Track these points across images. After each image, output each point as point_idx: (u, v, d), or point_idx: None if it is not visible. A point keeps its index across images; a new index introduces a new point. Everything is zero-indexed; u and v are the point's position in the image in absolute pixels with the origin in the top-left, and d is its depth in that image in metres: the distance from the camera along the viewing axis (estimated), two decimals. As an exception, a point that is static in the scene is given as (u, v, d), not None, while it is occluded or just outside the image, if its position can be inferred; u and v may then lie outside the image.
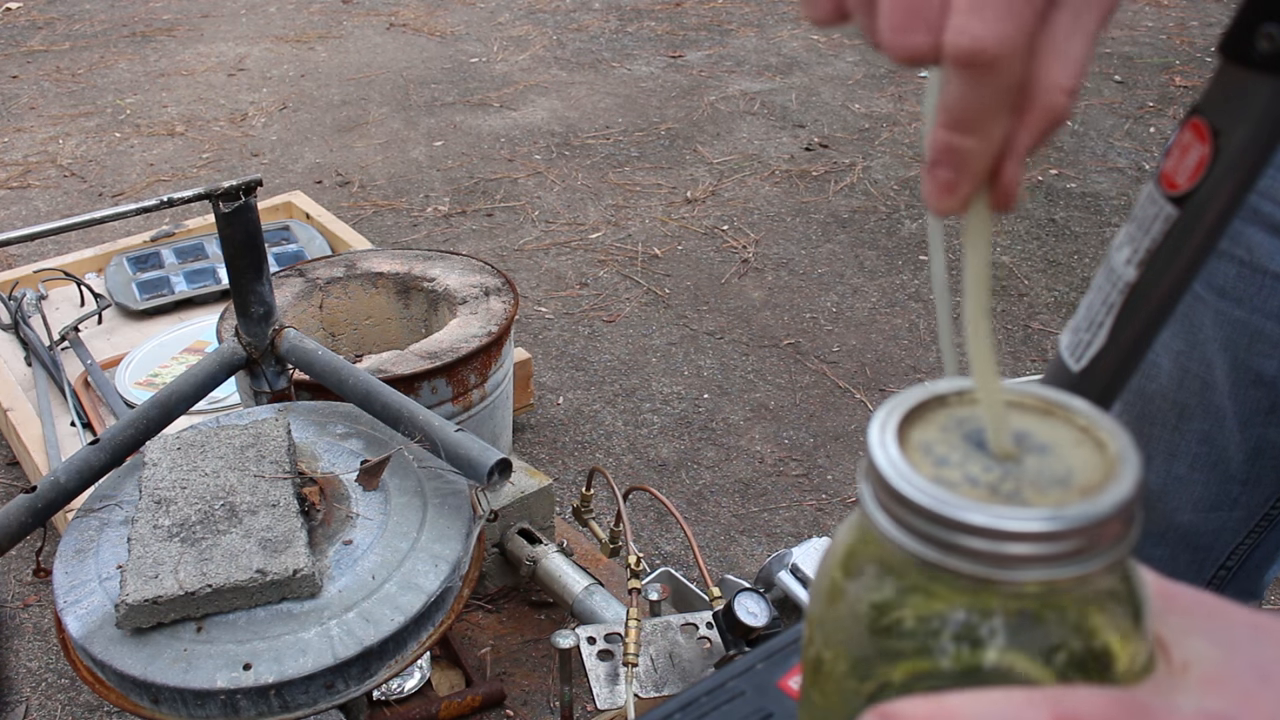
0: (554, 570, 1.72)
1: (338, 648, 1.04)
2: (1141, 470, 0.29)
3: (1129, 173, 3.43)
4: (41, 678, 1.79)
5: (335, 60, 4.53)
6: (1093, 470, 0.29)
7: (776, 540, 2.03)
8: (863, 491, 0.30)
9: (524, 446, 2.29)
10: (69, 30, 4.99)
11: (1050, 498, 0.28)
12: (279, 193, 3.00)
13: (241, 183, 1.26)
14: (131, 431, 1.27)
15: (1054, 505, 0.27)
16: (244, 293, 1.34)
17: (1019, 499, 0.28)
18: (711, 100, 4.03)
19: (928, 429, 0.31)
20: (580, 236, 3.13)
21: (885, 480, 0.29)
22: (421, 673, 1.68)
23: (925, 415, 0.32)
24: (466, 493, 1.23)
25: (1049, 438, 0.31)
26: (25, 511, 1.18)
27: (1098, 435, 0.30)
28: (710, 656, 1.27)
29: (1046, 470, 0.29)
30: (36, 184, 3.53)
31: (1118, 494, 0.28)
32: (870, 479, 0.30)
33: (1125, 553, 0.28)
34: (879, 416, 0.31)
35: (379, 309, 1.90)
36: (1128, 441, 0.30)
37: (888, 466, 0.29)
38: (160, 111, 4.06)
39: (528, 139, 3.76)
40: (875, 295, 2.81)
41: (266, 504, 1.14)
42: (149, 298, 2.53)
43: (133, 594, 1.03)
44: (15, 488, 2.18)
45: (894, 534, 0.28)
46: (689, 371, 2.52)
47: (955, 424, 0.32)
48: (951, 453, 0.30)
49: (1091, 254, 2.99)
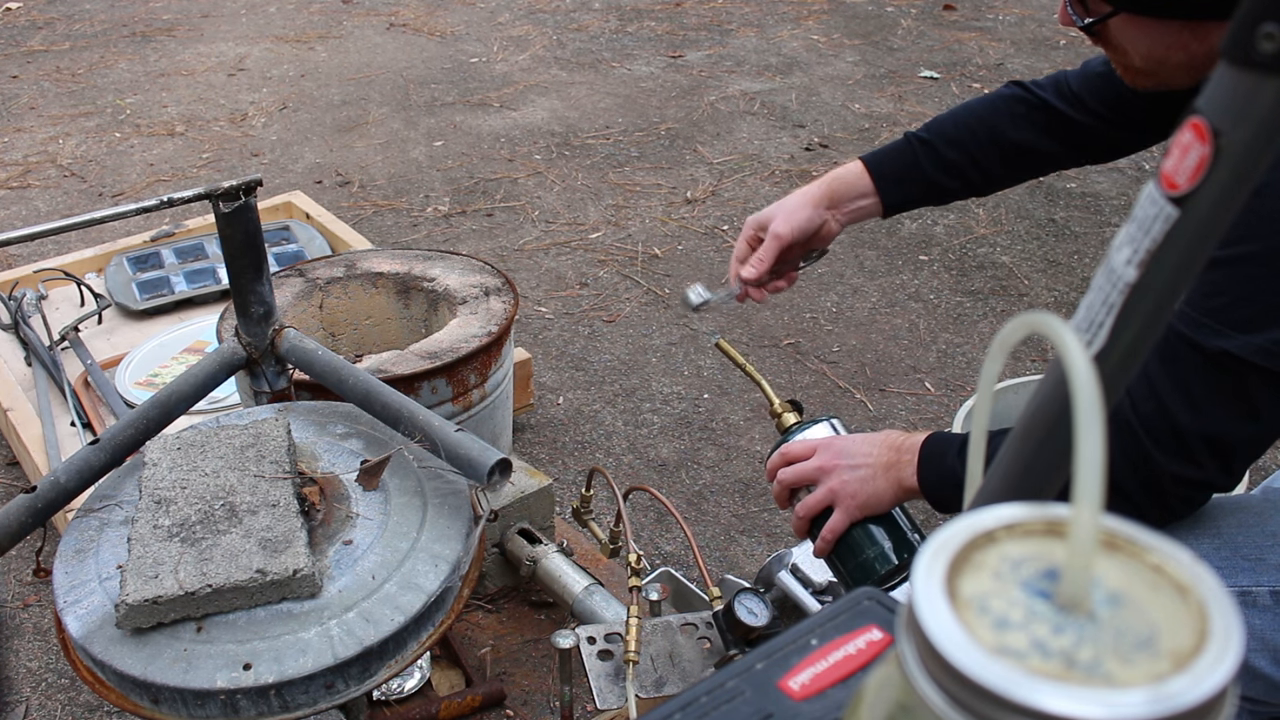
0: (554, 570, 1.72)
1: (338, 648, 1.04)
2: (1241, 628, 0.24)
3: (1129, 173, 3.43)
4: (41, 678, 1.79)
5: (335, 60, 4.53)
6: (1180, 627, 0.24)
7: (776, 540, 2.03)
8: (907, 655, 0.25)
9: (524, 446, 2.29)
10: (69, 30, 4.99)
11: (1139, 671, 0.23)
12: (279, 193, 3.00)
13: (241, 183, 1.26)
14: (131, 431, 1.27)
15: (1147, 683, 0.22)
16: (244, 293, 1.34)
17: (1102, 674, 0.23)
18: (711, 100, 4.03)
19: (980, 577, 0.26)
20: (580, 236, 3.13)
21: (939, 653, 0.24)
22: (421, 673, 1.68)
23: (974, 557, 0.27)
24: (466, 493, 1.23)
25: (1120, 583, 0.26)
26: (25, 511, 1.18)
27: (1175, 577, 0.25)
28: (710, 656, 1.27)
29: (1126, 629, 0.24)
30: (36, 184, 3.53)
31: (1221, 666, 0.23)
32: (917, 644, 0.25)
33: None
34: (923, 562, 0.26)
35: (379, 309, 1.90)
36: (1215, 585, 0.25)
37: (941, 635, 0.24)
38: (160, 111, 4.06)
39: (528, 139, 3.76)
40: (875, 295, 2.81)
41: (266, 504, 1.14)
42: (149, 298, 2.53)
43: (133, 594, 1.03)
44: (15, 488, 2.18)
45: (952, 716, 0.24)
46: (689, 371, 2.52)
47: (1010, 568, 0.27)
48: (1012, 610, 0.25)
49: (1091, 254, 2.99)
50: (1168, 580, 0.25)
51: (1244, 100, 0.39)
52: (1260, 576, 1.05)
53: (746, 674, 0.51)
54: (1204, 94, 0.40)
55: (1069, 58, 4.34)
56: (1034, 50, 4.45)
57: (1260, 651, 1.04)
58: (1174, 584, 0.25)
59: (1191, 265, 0.42)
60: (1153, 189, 0.42)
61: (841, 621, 0.53)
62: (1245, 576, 1.04)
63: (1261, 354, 0.94)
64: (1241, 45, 0.38)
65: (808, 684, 0.50)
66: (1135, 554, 0.26)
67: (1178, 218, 0.41)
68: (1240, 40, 0.38)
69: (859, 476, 1.20)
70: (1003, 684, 0.22)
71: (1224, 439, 0.98)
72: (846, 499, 1.21)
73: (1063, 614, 0.25)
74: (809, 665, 0.50)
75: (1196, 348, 0.97)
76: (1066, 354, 0.28)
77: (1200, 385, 0.97)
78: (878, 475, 1.19)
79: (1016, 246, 3.02)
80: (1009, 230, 3.10)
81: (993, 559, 0.27)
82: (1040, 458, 0.46)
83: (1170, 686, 0.22)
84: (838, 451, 1.23)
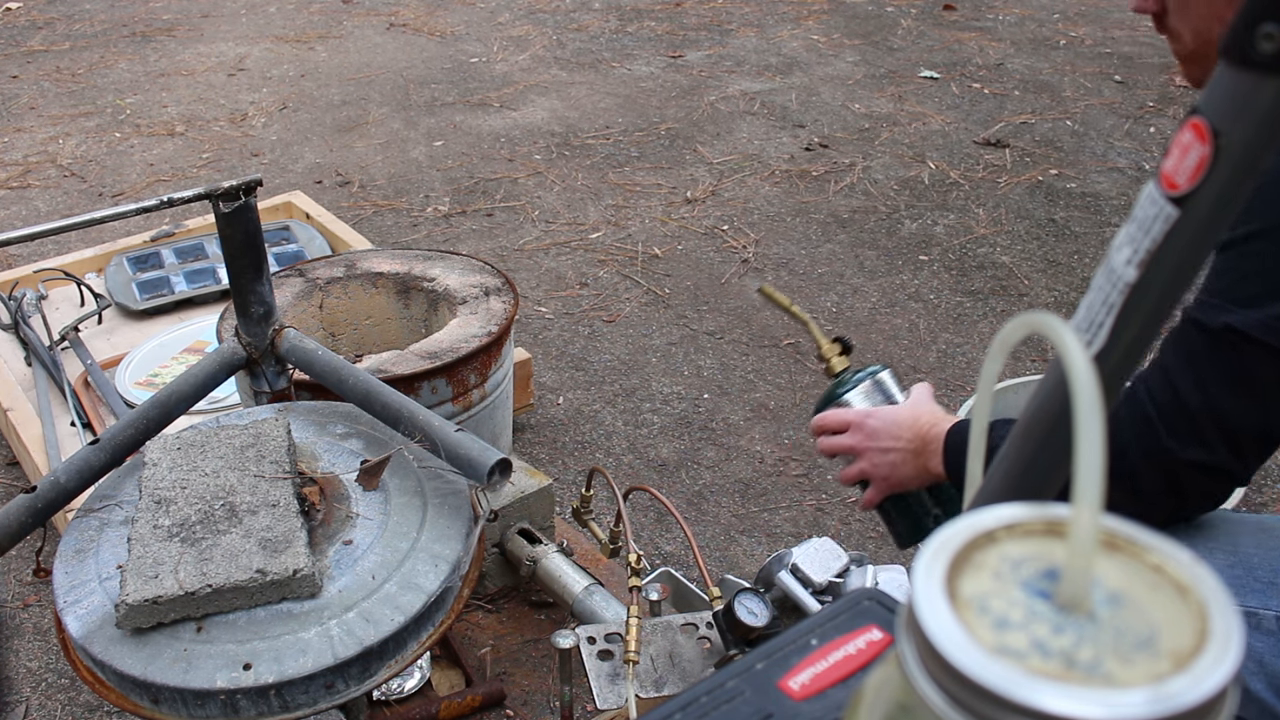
0: (554, 570, 1.72)
1: (338, 648, 1.04)
2: (1241, 628, 0.24)
3: (1129, 173, 3.43)
4: (41, 678, 1.79)
5: (335, 60, 4.53)
6: (1180, 627, 0.24)
7: (776, 540, 2.03)
8: (907, 655, 0.25)
9: (524, 446, 2.29)
10: (69, 30, 4.99)
11: (1139, 670, 0.23)
12: (279, 193, 3.00)
13: (241, 183, 1.26)
14: (131, 431, 1.27)
15: (1147, 683, 0.22)
16: (244, 293, 1.34)
17: (1102, 674, 0.23)
18: (711, 100, 4.03)
19: (980, 577, 0.26)
20: (580, 236, 3.13)
21: (939, 653, 0.24)
22: (421, 673, 1.68)
23: (975, 557, 0.27)
24: (466, 493, 1.23)
25: (1120, 583, 0.25)
26: (25, 511, 1.18)
27: (1175, 577, 0.25)
28: (710, 656, 1.27)
29: (1126, 629, 0.24)
30: (36, 184, 3.53)
31: (1221, 666, 0.23)
32: (917, 644, 0.25)
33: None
34: (923, 562, 0.26)
35: (379, 309, 1.90)
36: (1215, 586, 0.25)
37: (941, 635, 0.24)
38: (160, 111, 4.06)
39: (528, 139, 3.76)
40: (875, 295, 2.81)
41: (266, 504, 1.14)
42: (149, 298, 2.53)
43: (133, 594, 1.03)
44: (15, 488, 2.18)
45: (952, 716, 0.23)
46: (689, 371, 2.52)
47: (1010, 568, 0.27)
48: (1012, 610, 0.25)
49: (1091, 254, 2.99)
50: (1168, 580, 0.25)
51: (1244, 100, 0.39)
52: (1270, 600, 1.04)
53: (746, 674, 0.51)
54: (1204, 94, 0.40)
55: (1069, 57, 4.34)
56: (1034, 50, 4.45)
57: (1258, 675, 1.03)
58: (1174, 584, 0.25)
59: (1191, 265, 0.42)
60: (1153, 189, 0.42)
61: (841, 621, 0.53)
62: (1255, 597, 1.04)
63: (1262, 328, 0.95)
64: (1241, 45, 0.38)
65: (808, 684, 0.50)
66: (1135, 554, 0.26)
67: (1178, 218, 0.41)
68: (1240, 40, 0.38)
69: (889, 461, 1.26)
70: (1003, 684, 0.22)
71: (1230, 418, 0.98)
72: (879, 480, 1.28)
73: (1063, 614, 0.25)
74: (809, 665, 0.50)
75: (1202, 328, 0.98)
76: (1066, 354, 0.28)
77: (1206, 364, 0.98)
78: (907, 461, 1.24)
79: (1016, 246, 3.02)
80: (1009, 230, 3.10)
81: (993, 559, 0.27)
82: (1040, 458, 0.46)
83: (1170, 686, 0.22)
84: (869, 433, 1.28)
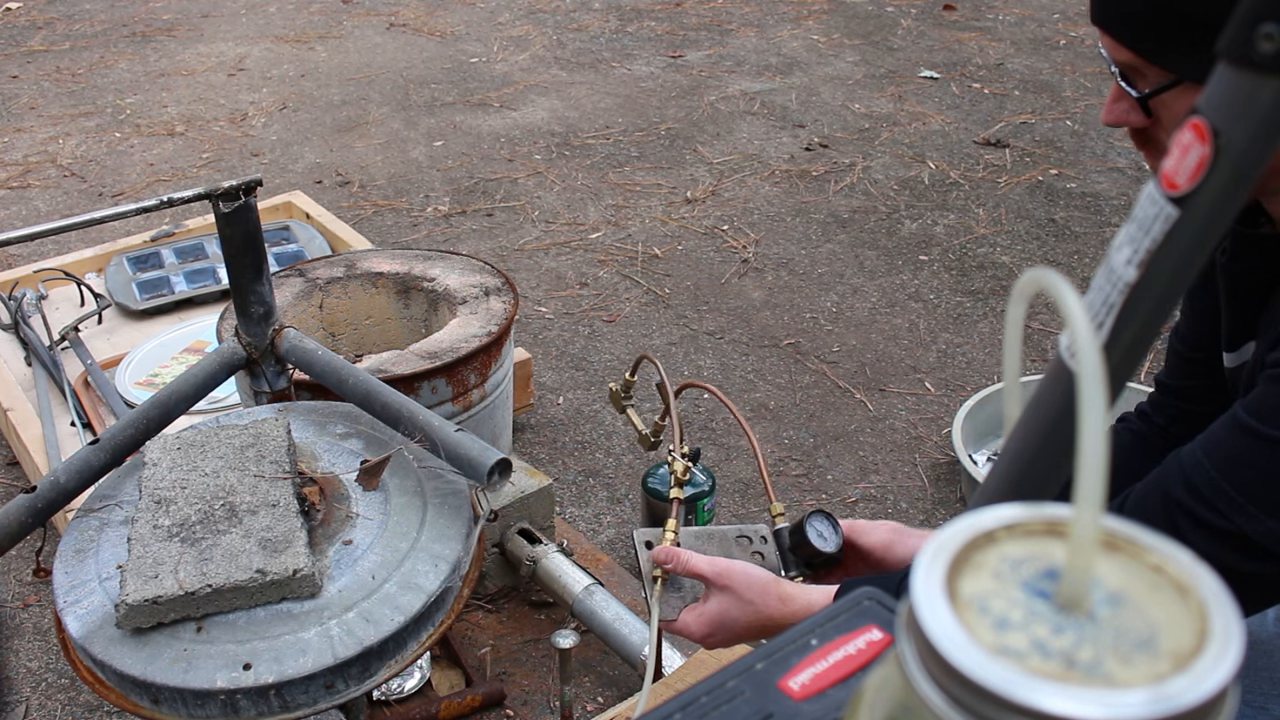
0: (554, 570, 1.72)
1: (338, 648, 1.04)
2: (1242, 627, 0.24)
3: (1129, 173, 3.43)
4: (41, 678, 1.79)
5: (335, 60, 4.53)
6: (1180, 628, 0.24)
7: (776, 540, 2.03)
8: (907, 655, 0.25)
9: (524, 446, 2.29)
10: (69, 30, 4.99)
11: (1139, 671, 0.23)
12: (279, 193, 3.00)
13: (241, 183, 1.26)
14: (131, 431, 1.27)
15: (1147, 683, 0.22)
16: (244, 293, 1.34)
17: (1102, 674, 0.23)
18: (711, 100, 4.03)
19: (980, 577, 0.26)
20: (580, 236, 3.13)
21: (939, 652, 0.24)
22: (421, 673, 1.68)
23: (975, 557, 0.27)
24: (466, 493, 1.23)
25: (1120, 583, 0.25)
26: (25, 511, 1.18)
27: (1175, 577, 0.25)
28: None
29: (1126, 629, 0.24)
30: (36, 184, 3.53)
31: (1221, 666, 0.22)
32: (917, 644, 0.25)
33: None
34: (923, 562, 0.26)
35: (379, 309, 1.90)
36: (1214, 585, 0.25)
37: (941, 635, 0.24)
38: (160, 111, 4.06)
39: (528, 139, 3.76)
40: (875, 295, 2.81)
41: (266, 504, 1.14)
42: (149, 298, 2.53)
43: (133, 594, 1.03)
44: (15, 488, 2.18)
45: (951, 716, 0.23)
46: (689, 371, 2.52)
47: (1010, 568, 0.26)
48: (1012, 610, 0.25)
49: (1091, 254, 2.99)
50: (1168, 580, 0.25)
51: (1243, 100, 0.39)
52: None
53: (746, 674, 0.51)
54: (1204, 94, 0.40)
55: (1069, 58, 4.34)
56: (1034, 50, 4.45)
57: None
58: (1174, 584, 0.25)
59: (1191, 265, 0.42)
60: (1153, 189, 0.42)
61: (841, 621, 0.53)
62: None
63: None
64: (1241, 45, 0.38)
65: (808, 684, 0.50)
66: (1135, 554, 0.26)
67: (1178, 218, 0.41)
68: (1240, 40, 0.38)
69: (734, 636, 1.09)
70: (1003, 684, 0.22)
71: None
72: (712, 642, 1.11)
73: (1063, 614, 0.25)
74: (809, 665, 0.50)
75: None
76: (1070, 318, 0.28)
77: None
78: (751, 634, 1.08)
79: (1016, 246, 3.02)
80: (1009, 230, 3.10)
81: (993, 559, 0.27)
82: (1041, 457, 0.46)
83: (1170, 687, 0.22)
84: (723, 625, 1.09)
